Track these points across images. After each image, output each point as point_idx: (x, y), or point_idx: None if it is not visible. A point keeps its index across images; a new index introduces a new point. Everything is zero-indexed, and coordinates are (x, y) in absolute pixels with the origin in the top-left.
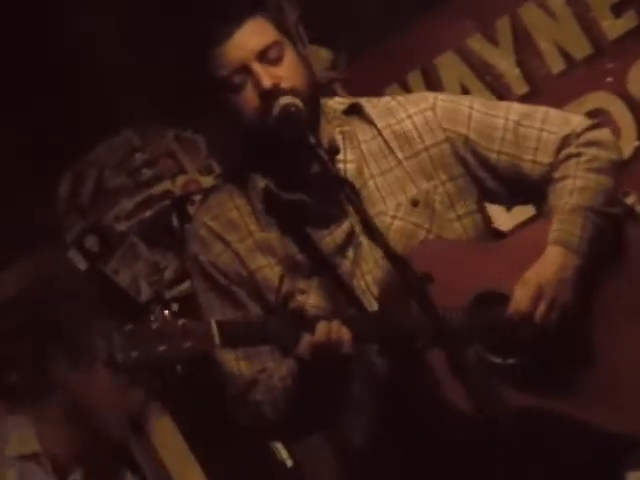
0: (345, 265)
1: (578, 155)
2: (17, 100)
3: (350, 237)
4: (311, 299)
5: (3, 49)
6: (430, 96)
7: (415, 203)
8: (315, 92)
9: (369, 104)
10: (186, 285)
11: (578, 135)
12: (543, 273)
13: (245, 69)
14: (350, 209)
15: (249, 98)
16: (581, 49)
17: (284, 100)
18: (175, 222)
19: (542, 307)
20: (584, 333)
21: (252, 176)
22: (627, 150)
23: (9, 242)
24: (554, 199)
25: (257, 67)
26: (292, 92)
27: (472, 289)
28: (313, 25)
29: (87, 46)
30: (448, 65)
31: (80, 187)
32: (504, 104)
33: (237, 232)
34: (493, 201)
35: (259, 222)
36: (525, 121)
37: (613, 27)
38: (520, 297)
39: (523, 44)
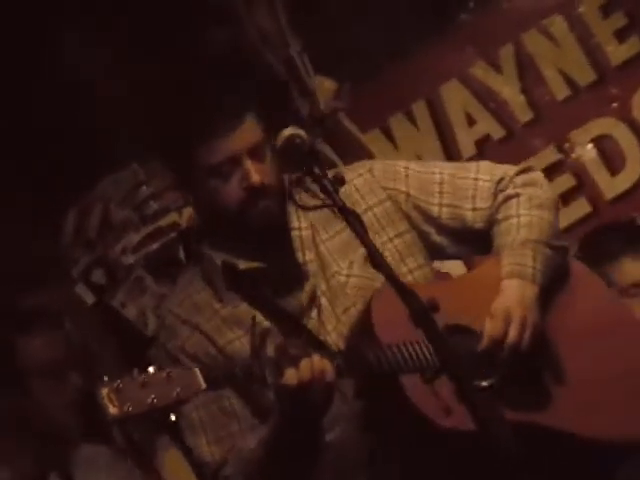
0: (312, 324)
1: (517, 195)
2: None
3: (313, 299)
4: None
5: (5, 79)
6: (367, 162)
7: (367, 259)
8: (283, 183)
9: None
10: None
11: (511, 178)
12: (508, 300)
13: (236, 161)
14: (309, 271)
15: (234, 188)
16: (585, 75)
17: (288, 131)
18: (181, 254)
19: (514, 328)
20: (547, 353)
21: (209, 255)
22: (633, 175)
23: (16, 277)
24: (501, 238)
25: (248, 162)
26: (272, 189)
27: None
28: (317, 55)
29: (88, 78)
30: (452, 93)
31: (86, 221)
32: (437, 163)
33: (203, 314)
34: (439, 256)
35: (222, 299)
36: (460, 173)
37: (617, 53)
38: (492, 325)
39: (527, 71)
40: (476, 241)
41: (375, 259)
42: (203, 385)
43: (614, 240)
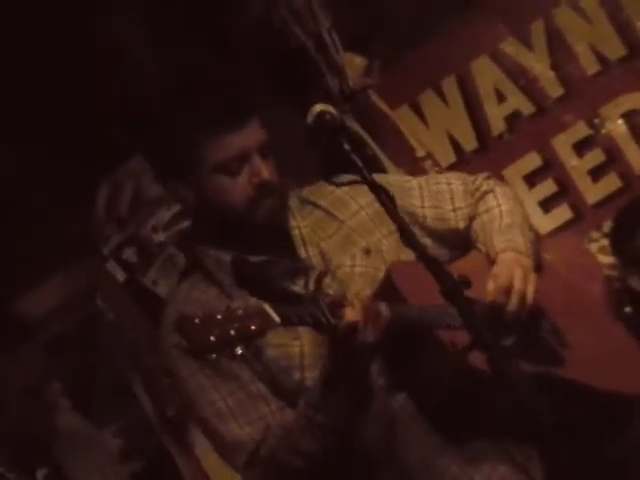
0: None
1: (492, 191)
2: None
3: (320, 287)
4: (306, 347)
5: (39, 53)
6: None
7: (367, 251)
8: (283, 185)
9: (300, 190)
10: None
11: (483, 178)
12: (507, 264)
13: (245, 158)
14: (314, 264)
15: (242, 185)
16: (615, 50)
17: (318, 107)
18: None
19: (517, 279)
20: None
21: (212, 254)
22: None
23: (47, 254)
24: (487, 227)
25: (258, 159)
26: (277, 187)
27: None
28: (347, 32)
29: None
30: (483, 69)
31: (118, 198)
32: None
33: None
34: None
35: (231, 296)
36: (432, 181)
37: None
38: (495, 282)
39: (557, 47)
40: (456, 244)
41: (405, 235)
42: (277, 319)
43: None
